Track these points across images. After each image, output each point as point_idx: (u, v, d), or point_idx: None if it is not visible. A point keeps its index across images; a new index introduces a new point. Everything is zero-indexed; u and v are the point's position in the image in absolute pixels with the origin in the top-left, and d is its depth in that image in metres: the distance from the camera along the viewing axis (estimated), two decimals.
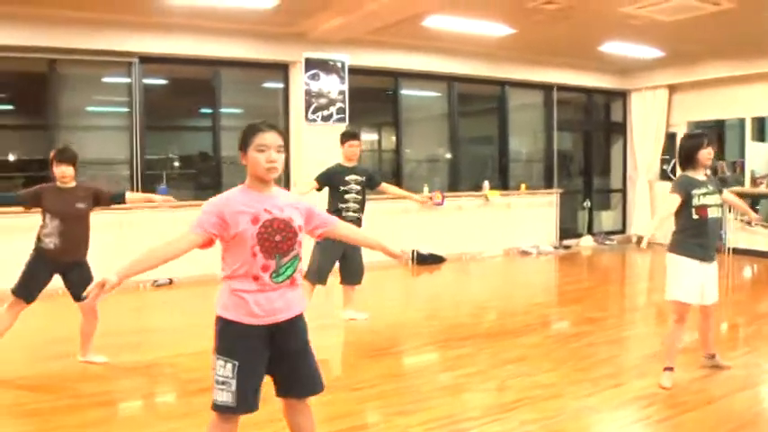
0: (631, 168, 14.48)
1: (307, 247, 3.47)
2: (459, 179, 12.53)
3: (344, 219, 6.64)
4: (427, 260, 11.35)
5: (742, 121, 13.36)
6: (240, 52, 10.03)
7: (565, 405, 4.73)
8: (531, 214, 13.03)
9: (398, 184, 11.57)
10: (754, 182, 12.71)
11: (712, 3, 8.52)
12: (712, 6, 8.65)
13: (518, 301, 8.81)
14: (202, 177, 10.72)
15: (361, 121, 12.52)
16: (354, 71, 10.87)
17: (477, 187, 12.52)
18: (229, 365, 3.10)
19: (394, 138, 12.12)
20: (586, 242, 13.77)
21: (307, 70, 10.32)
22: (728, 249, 12.24)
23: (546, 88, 13.49)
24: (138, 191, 9.42)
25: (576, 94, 14.22)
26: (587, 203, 14.17)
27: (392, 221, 11.18)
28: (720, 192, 5.33)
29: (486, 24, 9.68)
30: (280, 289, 3.15)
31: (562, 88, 13.58)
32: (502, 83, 12.81)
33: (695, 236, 5.11)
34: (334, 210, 6.94)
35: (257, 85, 11.28)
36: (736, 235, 12.38)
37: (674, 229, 5.24)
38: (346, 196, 7.03)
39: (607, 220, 14.88)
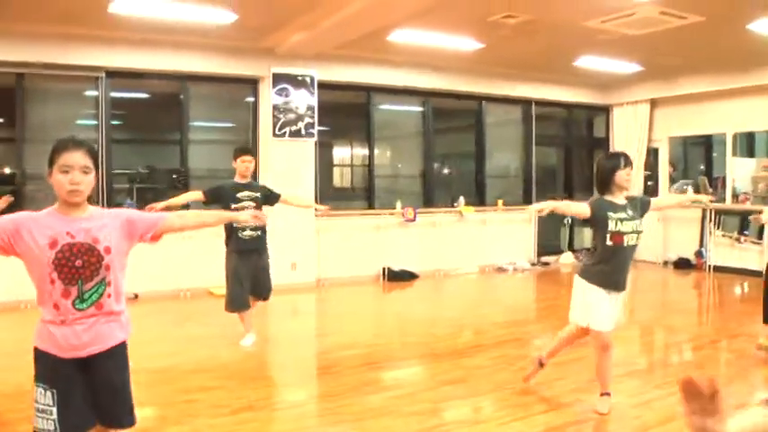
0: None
1: None
2: (433, 195, 12.37)
3: (242, 239, 6.75)
4: (399, 277, 11.21)
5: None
6: (208, 67, 9.94)
7: (487, 431, 4.58)
8: (508, 230, 12.86)
9: (370, 198, 11.51)
10: (736, 198, 12.57)
11: (677, 16, 8.39)
12: (678, 20, 8.52)
13: (478, 319, 8.64)
14: (170, 192, 10.60)
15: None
16: (326, 86, 10.75)
17: (452, 203, 12.36)
18: (49, 393, 2.94)
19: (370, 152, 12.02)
20: (566, 259, 13.61)
21: (275, 85, 10.20)
22: (709, 267, 12.09)
23: (524, 103, 13.36)
24: (102, 205, 9.38)
25: (559, 109, 14.10)
26: (568, 220, 14.00)
27: (363, 238, 11.12)
28: (646, 209, 5.13)
29: (452, 39, 9.55)
30: (87, 320, 2.96)
31: (541, 103, 13.45)
32: (479, 98, 12.68)
33: (608, 264, 4.89)
34: (231, 231, 6.81)
35: (235, 99, 11.09)
36: (720, 251, 12.20)
37: (588, 253, 5.08)
38: None
39: (590, 236, 14.67)
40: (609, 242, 4.82)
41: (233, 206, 6.73)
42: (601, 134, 14.70)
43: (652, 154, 13.81)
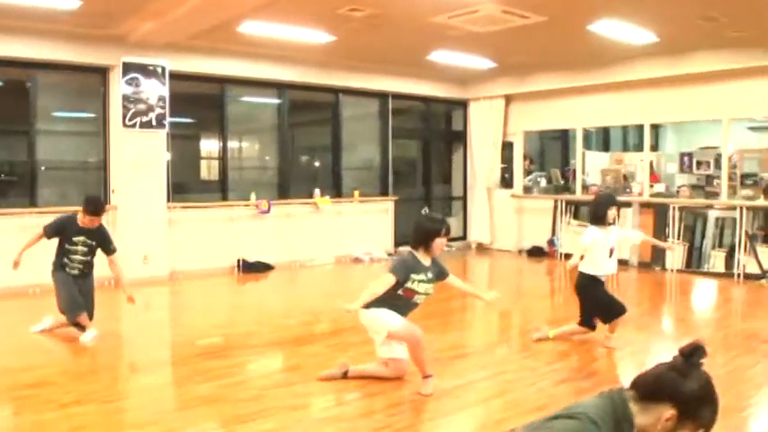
0: (471, 176, 14.70)
1: None
2: (289, 187, 12.38)
3: (67, 274, 6.82)
4: (254, 268, 11.20)
5: (587, 132, 13.87)
6: (56, 54, 9.57)
7: (307, 416, 4.70)
8: (365, 221, 13.00)
9: (224, 191, 11.44)
10: (586, 189, 13.12)
11: (519, 15, 8.69)
12: (520, 19, 8.83)
13: (331, 309, 8.73)
14: (16, 185, 10.23)
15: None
16: (179, 77, 10.59)
17: (311, 195, 12.39)
18: None
19: (235, 145, 11.98)
20: None
21: (125, 74, 9.96)
22: (561, 254, 12.55)
23: (381, 96, 13.50)
24: None
25: (418, 103, 14.36)
26: (425, 211, 14.25)
27: (217, 230, 11.06)
28: (441, 278, 5.44)
29: (303, 31, 9.57)
30: None
31: (399, 97, 13.65)
32: (335, 90, 12.74)
33: (393, 306, 5.21)
34: (59, 262, 6.84)
35: (94, 89, 10.52)
36: (572, 239, 12.63)
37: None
38: (71, 255, 6.81)
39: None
40: (400, 292, 5.18)
41: (66, 246, 6.79)
42: (459, 127, 15.07)
43: (508, 147, 14.24)
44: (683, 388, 2.08)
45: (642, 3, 8.20)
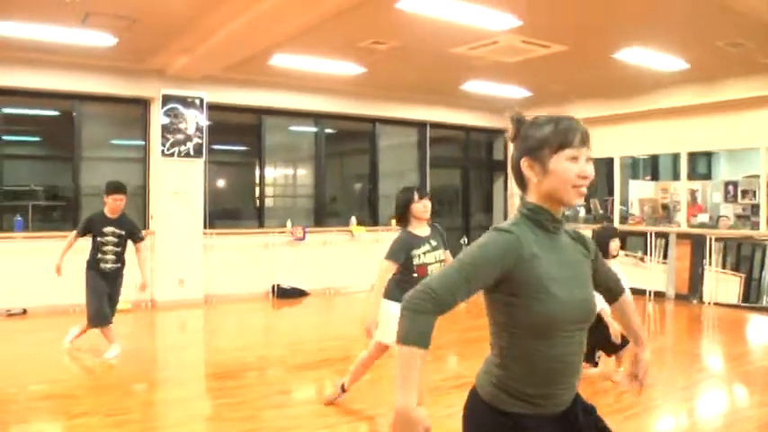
0: (512, 206, 14.72)
1: None
2: (325, 215, 12.66)
3: (102, 270, 7.11)
4: (288, 294, 11.46)
5: (635, 160, 13.79)
6: (100, 88, 10.13)
7: None
8: None
9: (261, 218, 11.74)
10: (625, 220, 13.04)
11: (540, 45, 8.81)
12: (542, 49, 8.95)
13: (354, 334, 8.85)
14: (62, 210, 10.67)
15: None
16: (218, 108, 11.03)
17: (348, 223, 12.63)
18: None
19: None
20: None
21: (164, 106, 10.42)
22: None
23: (419, 125, 13.71)
24: None
25: (459, 132, 14.52)
26: (464, 240, 14.34)
27: (253, 255, 11.33)
28: (444, 244, 5.21)
29: (332, 63, 9.88)
30: None
31: (437, 126, 13.82)
32: (371, 120, 13.01)
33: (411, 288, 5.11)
34: (93, 258, 7.17)
35: (131, 118, 11.03)
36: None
37: (394, 276, 5.00)
38: (104, 248, 7.13)
39: None
40: (415, 274, 4.88)
41: (98, 239, 7.14)
42: (500, 156, 15.14)
43: None
44: (521, 143, 2.20)
45: (661, 30, 8.22)
